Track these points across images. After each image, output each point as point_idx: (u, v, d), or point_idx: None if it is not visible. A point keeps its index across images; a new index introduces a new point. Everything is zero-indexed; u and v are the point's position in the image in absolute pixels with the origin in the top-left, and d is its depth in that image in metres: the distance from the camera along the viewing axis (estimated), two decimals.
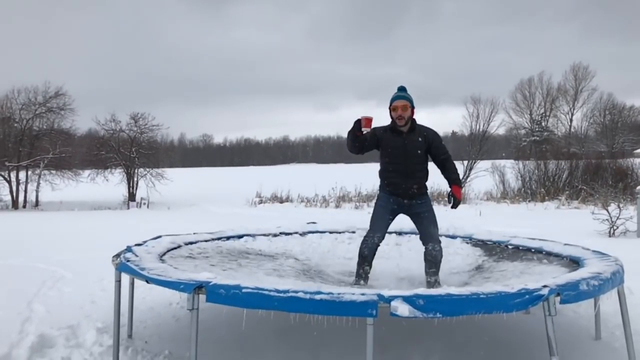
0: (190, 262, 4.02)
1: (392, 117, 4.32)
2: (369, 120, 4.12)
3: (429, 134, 4.35)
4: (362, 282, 4.31)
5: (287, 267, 4.31)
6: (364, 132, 4.14)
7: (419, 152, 4.30)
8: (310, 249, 5.15)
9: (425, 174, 4.39)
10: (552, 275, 3.59)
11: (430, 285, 4.28)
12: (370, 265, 4.37)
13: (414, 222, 4.45)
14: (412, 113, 4.30)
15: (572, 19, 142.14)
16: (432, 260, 4.29)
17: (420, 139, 4.30)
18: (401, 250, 5.27)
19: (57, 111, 22.51)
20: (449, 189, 4.39)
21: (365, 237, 4.38)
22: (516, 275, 3.91)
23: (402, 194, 4.34)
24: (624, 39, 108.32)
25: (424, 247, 4.36)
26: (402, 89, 4.37)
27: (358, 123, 4.12)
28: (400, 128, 4.29)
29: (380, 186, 4.50)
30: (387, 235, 5.43)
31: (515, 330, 4.14)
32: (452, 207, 4.40)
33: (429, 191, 4.47)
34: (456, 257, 4.89)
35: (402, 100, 4.26)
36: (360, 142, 4.25)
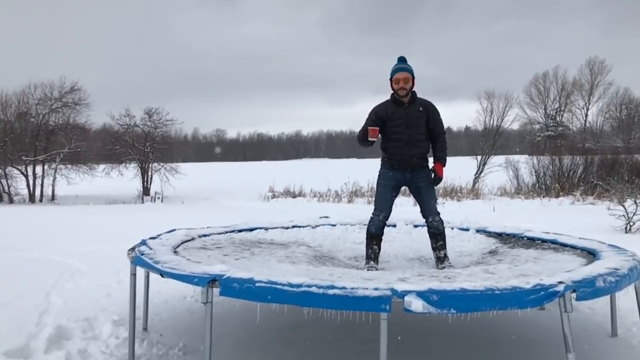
0: (203, 253, 4.04)
1: (393, 89, 4.37)
2: (375, 130, 4.28)
3: (429, 106, 4.41)
4: (372, 262, 4.36)
5: (299, 254, 4.34)
6: (374, 140, 4.32)
7: (421, 122, 4.35)
8: (321, 237, 5.19)
9: (427, 144, 4.44)
10: (568, 263, 3.60)
11: (440, 261, 4.33)
12: (379, 246, 4.43)
13: (414, 195, 4.54)
14: (413, 84, 4.35)
15: (592, 11, 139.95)
16: (435, 232, 4.37)
17: (421, 109, 4.36)
18: (412, 236, 5.29)
19: (73, 106, 22.80)
20: (432, 165, 4.46)
21: (371, 216, 4.48)
22: (531, 260, 3.92)
23: (403, 165, 4.39)
24: None
25: (424, 220, 4.47)
26: (402, 59, 4.40)
27: (370, 131, 4.27)
28: (401, 99, 4.33)
29: (382, 161, 4.54)
30: (400, 224, 5.44)
31: (530, 326, 4.12)
32: (432, 184, 4.43)
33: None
34: (469, 243, 4.89)
35: (403, 72, 4.31)
36: (371, 143, 4.38)
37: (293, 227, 5.46)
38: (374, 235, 4.41)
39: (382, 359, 2.49)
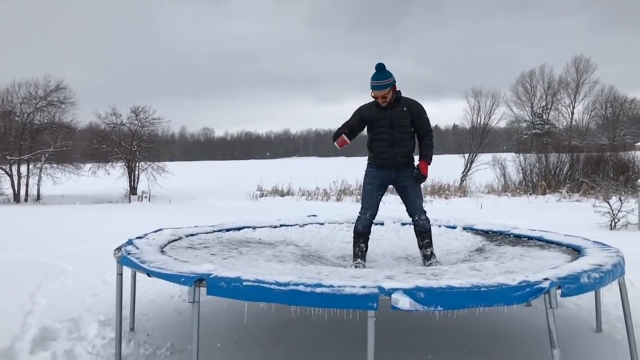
0: (190, 252, 4.02)
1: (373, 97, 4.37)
2: (343, 141, 4.34)
3: (413, 105, 4.41)
4: (359, 260, 4.38)
5: (287, 253, 4.33)
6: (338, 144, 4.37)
7: (405, 121, 4.36)
8: (309, 236, 5.18)
9: (411, 143, 4.46)
10: (554, 260, 3.63)
11: (426, 259, 4.36)
12: (366, 244, 4.46)
13: (400, 194, 4.55)
14: (394, 93, 4.33)
15: (580, 10, 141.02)
16: (422, 231, 4.40)
17: (405, 109, 4.36)
18: (399, 234, 5.30)
19: (58, 105, 22.58)
20: (417, 162, 4.48)
21: (358, 215, 4.50)
22: (517, 257, 3.95)
23: (388, 164, 4.41)
24: (632, 30, 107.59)
25: (410, 219, 4.49)
26: (379, 69, 4.26)
27: (338, 136, 4.33)
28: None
29: (368, 159, 4.57)
30: (388, 222, 5.45)
31: (516, 322, 4.15)
32: (415, 181, 4.43)
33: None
34: (456, 241, 4.90)
35: (380, 90, 4.26)
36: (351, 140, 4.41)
37: (281, 226, 5.45)
38: (361, 234, 4.43)
39: (370, 356, 2.50)
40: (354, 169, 4.59)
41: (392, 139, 4.35)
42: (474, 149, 25.45)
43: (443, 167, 23.48)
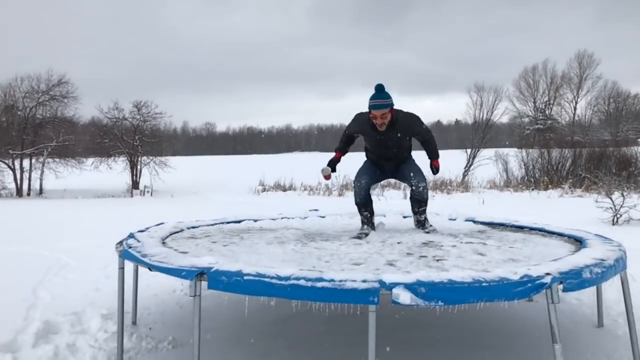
0: (192, 242, 4.03)
1: (370, 118, 4.26)
2: (327, 176, 4.64)
3: (405, 126, 4.31)
4: (365, 227, 4.45)
5: (288, 234, 4.38)
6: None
7: (398, 143, 4.38)
8: (310, 223, 5.17)
9: (406, 151, 4.52)
10: (556, 249, 3.64)
11: (420, 224, 4.44)
12: (369, 210, 4.53)
13: (400, 175, 4.60)
14: (392, 114, 4.21)
15: (585, 4, 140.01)
16: (418, 198, 4.42)
17: (399, 135, 4.33)
18: (401, 222, 5.25)
19: (60, 99, 22.57)
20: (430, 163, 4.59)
21: (353, 189, 4.62)
22: (519, 241, 3.99)
23: (384, 165, 4.59)
24: (636, 25, 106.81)
25: (409, 188, 4.53)
26: (379, 89, 4.17)
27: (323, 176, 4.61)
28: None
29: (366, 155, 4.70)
30: (390, 215, 5.41)
31: (517, 317, 4.15)
32: (434, 174, 4.63)
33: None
34: (458, 226, 4.89)
35: (380, 110, 4.14)
36: (342, 149, 4.70)
37: (282, 218, 5.46)
38: (360, 204, 4.50)
39: (371, 350, 2.50)
40: (356, 164, 4.59)
41: (387, 154, 4.47)
42: (476, 144, 25.40)
43: (445, 163, 23.44)
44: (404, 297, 2.44)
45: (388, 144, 4.36)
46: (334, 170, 4.65)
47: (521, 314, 4.19)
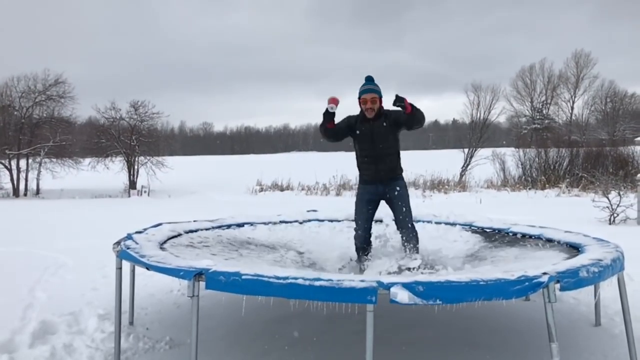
0: (191, 251, 4.02)
1: (361, 108, 4.40)
2: (334, 99, 4.33)
3: (390, 114, 4.40)
4: (364, 258, 4.44)
5: (287, 260, 4.34)
6: (332, 110, 4.31)
7: (386, 136, 4.38)
8: (309, 239, 5.14)
9: (395, 159, 4.49)
10: (552, 260, 3.61)
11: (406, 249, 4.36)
12: (366, 253, 4.49)
13: (390, 207, 4.56)
14: (381, 103, 4.37)
15: (582, 3, 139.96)
16: (408, 246, 4.39)
17: (385, 124, 4.37)
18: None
19: (57, 99, 22.51)
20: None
21: (354, 233, 4.57)
22: (517, 258, 3.94)
23: (375, 179, 4.46)
24: (633, 24, 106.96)
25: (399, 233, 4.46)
26: (369, 79, 4.40)
27: (327, 114, 4.31)
28: (368, 117, 4.37)
29: (358, 177, 4.64)
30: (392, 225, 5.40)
31: (514, 316, 4.16)
32: (396, 101, 4.21)
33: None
34: (454, 244, 4.88)
35: (370, 93, 4.32)
36: (332, 133, 4.44)
37: (281, 222, 5.44)
38: (359, 248, 4.53)
39: (368, 350, 2.50)
40: (353, 163, 4.59)
41: (376, 155, 4.41)
42: (473, 143, 25.45)
43: (443, 162, 23.50)
44: (402, 295, 2.43)
45: (375, 135, 4.35)
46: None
47: (519, 313, 4.20)
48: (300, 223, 5.48)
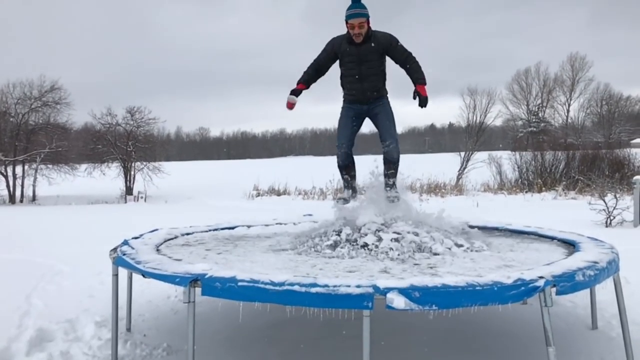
0: (185, 250, 4.02)
1: (348, 32, 4.34)
2: (291, 104, 4.61)
3: (381, 38, 4.36)
4: (346, 192, 4.53)
5: (283, 242, 4.36)
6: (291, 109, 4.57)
7: (373, 57, 4.35)
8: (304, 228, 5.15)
9: (380, 78, 4.47)
10: (549, 253, 3.65)
11: (387, 187, 4.41)
12: (350, 174, 4.57)
13: (373, 123, 4.58)
14: (369, 26, 4.31)
15: (578, 6, 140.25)
16: (389, 159, 4.43)
17: (373, 45, 4.34)
18: None
19: (53, 105, 22.46)
20: (414, 89, 4.33)
21: (337, 150, 4.57)
22: (512, 246, 4.03)
23: (359, 99, 4.47)
24: (628, 28, 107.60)
25: (382, 146, 4.49)
26: (356, 1, 4.28)
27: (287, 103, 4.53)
28: (356, 42, 4.34)
29: (343, 97, 4.64)
30: None
31: (511, 320, 4.16)
32: (419, 106, 4.32)
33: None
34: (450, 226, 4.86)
35: (358, 18, 4.24)
36: (309, 85, 4.58)
37: (276, 224, 5.45)
38: (342, 167, 4.56)
39: (365, 355, 2.51)
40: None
41: (361, 75, 4.37)
42: (469, 147, 25.49)
43: (439, 166, 23.52)
44: (398, 301, 2.44)
45: (362, 57, 4.33)
46: (310, 81, 4.60)
47: (515, 317, 4.20)
48: (295, 225, 5.50)
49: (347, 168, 4.55)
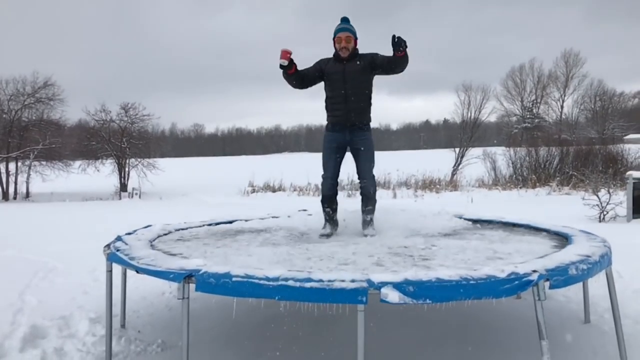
0: (181, 244, 4.01)
1: (335, 48, 4.43)
2: (284, 53, 4.33)
3: (366, 55, 4.42)
4: (327, 226, 4.51)
5: (279, 237, 4.39)
6: (283, 64, 4.35)
7: (359, 75, 4.37)
8: (299, 223, 5.16)
9: (365, 99, 4.45)
10: (540, 245, 3.69)
11: (365, 224, 4.44)
12: (331, 207, 4.57)
13: (353, 157, 4.60)
14: (356, 44, 4.42)
15: (572, 2, 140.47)
16: (366, 194, 4.48)
17: (358, 62, 4.37)
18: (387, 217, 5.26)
19: (46, 102, 22.31)
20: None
21: (323, 179, 4.61)
22: (504, 238, 4.06)
23: (342, 122, 4.43)
24: (623, 24, 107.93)
25: (359, 182, 4.57)
26: (345, 20, 4.46)
27: (282, 67, 4.37)
28: (342, 57, 4.39)
29: (326, 123, 4.63)
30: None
31: (505, 314, 4.18)
32: (396, 47, 4.13)
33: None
34: (443, 222, 4.89)
35: (345, 32, 4.37)
36: (296, 78, 4.47)
37: (272, 218, 5.47)
38: (325, 197, 4.58)
39: (360, 349, 2.51)
40: (345, 164, 4.59)
41: (346, 93, 4.37)
42: (464, 143, 25.54)
43: (434, 162, 23.56)
44: (393, 296, 2.45)
45: (347, 75, 4.33)
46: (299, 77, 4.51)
47: (509, 310, 4.22)
48: (289, 217, 5.51)
49: (330, 199, 4.55)
